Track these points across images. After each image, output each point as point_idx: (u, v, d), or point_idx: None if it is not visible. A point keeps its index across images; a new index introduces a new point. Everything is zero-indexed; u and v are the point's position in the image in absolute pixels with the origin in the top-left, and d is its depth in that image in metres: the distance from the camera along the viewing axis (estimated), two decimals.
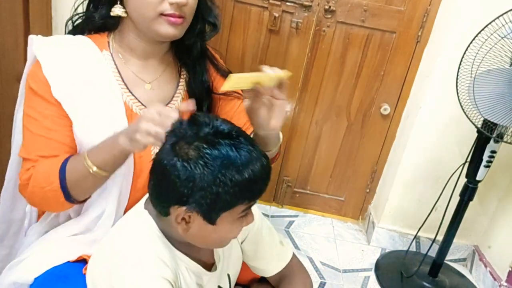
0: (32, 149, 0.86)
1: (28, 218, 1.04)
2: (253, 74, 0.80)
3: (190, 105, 0.76)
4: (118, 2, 0.91)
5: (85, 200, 0.90)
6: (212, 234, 0.76)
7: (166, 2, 0.86)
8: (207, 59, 1.07)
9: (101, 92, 0.89)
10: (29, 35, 1.27)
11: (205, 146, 0.70)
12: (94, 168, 0.81)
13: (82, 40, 0.93)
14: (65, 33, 0.98)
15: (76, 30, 0.97)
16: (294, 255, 1.02)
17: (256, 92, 0.84)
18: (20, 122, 0.96)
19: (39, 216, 1.04)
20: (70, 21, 0.98)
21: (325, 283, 1.69)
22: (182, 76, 1.03)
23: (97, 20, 0.94)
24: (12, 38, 1.24)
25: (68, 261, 0.92)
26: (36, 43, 0.89)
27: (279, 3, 1.69)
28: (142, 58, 0.96)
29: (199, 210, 0.72)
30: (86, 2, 0.97)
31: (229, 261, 0.94)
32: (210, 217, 0.73)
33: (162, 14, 0.87)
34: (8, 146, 1.01)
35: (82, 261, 0.92)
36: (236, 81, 0.79)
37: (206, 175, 0.69)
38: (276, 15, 1.71)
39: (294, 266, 1.01)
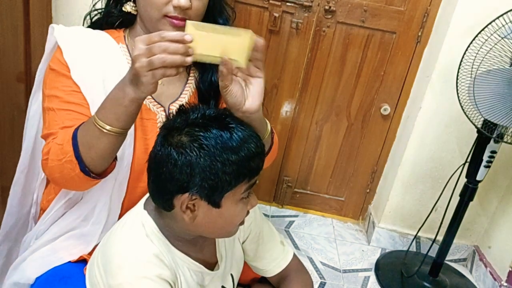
0: (54, 124, 0.85)
1: (34, 208, 1.05)
2: (215, 27, 0.74)
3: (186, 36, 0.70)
4: (131, 0, 0.95)
5: (103, 174, 0.85)
6: (218, 219, 0.76)
7: (170, 5, 0.87)
8: None
9: (116, 80, 0.90)
10: (29, 35, 1.28)
11: (196, 129, 0.71)
12: (107, 127, 0.75)
13: (100, 33, 0.96)
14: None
15: (95, 25, 1.00)
16: (294, 255, 1.03)
17: (228, 68, 0.77)
18: (34, 114, 0.98)
19: (41, 210, 1.04)
20: (88, 16, 1.02)
21: (325, 283, 1.69)
22: (191, 75, 1.04)
23: (115, 16, 0.98)
24: (12, 38, 1.24)
25: (69, 261, 0.92)
26: (57, 31, 0.92)
27: (279, 3, 1.69)
28: None
29: (201, 194, 0.72)
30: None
31: (232, 261, 0.94)
32: (214, 200, 0.73)
33: (166, 16, 0.89)
34: (8, 145, 1.01)
35: (83, 261, 0.93)
36: (200, 37, 0.72)
37: (202, 157, 0.69)
38: (276, 15, 1.71)
39: (295, 266, 1.01)
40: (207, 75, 1.02)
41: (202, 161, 0.69)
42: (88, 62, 0.90)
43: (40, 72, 0.96)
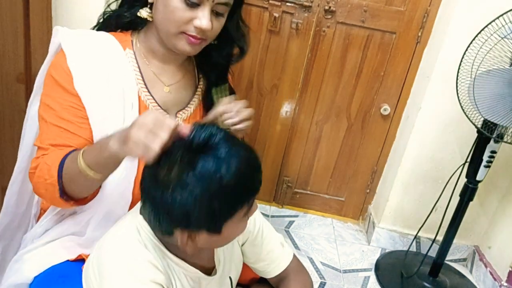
0: (45, 138, 0.85)
1: (35, 209, 1.05)
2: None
3: (187, 130, 0.70)
4: (148, 6, 0.92)
5: (82, 202, 0.87)
6: (219, 241, 0.76)
7: (191, 25, 0.86)
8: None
9: (119, 89, 0.90)
10: (29, 35, 1.28)
11: (183, 167, 0.67)
12: (86, 169, 0.76)
13: (106, 36, 0.94)
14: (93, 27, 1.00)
15: (104, 24, 0.98)
16: (294, 256, 1.02)
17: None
18: (33, 115, 0.96)
19: (42, 210, 1.04)
20: (101, 17, 0.99)
21: (325, 283, 1.69)
22: (199, 85, 1.04)
23: (127, 18, 0.95)
24: (12, 38, 1.24)
25: (68, 260, 0.92)
26: (62, 34, 0.89)
27: (279, 3, 1.69)
28: (162, 62, 0.97)
29: (201, 227, 0.71)
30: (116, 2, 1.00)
31: (231, 264, 0.93)
32: (215, 229, 0.72)
33: (184, 32, 0.88)
34: (9, 145, 1.01)
35: (82, 260, 0.92)
36: None
37: (195, 196, 0.66)
38: (276, 15, 1.71)
39: (295, 267, 1.01)
40: (223, 93, 1.03)
41: (196, 200, 0.66)
42: (92, 70, 0.87)
43: (42, 74, 0.95)
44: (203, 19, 0.85)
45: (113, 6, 1.01)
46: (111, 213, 0.92)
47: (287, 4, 1.70)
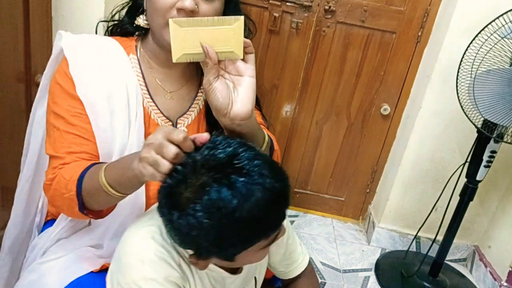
0: (60, 147, 0.84)
1: (38, 217, 1.03)
2: (203, 20, 0.66)
3: (203, 137, 0.65)
4: (144, 14, 0.92)
5: (101, 214, 0.86)
6: (234, 264, 0.73)
7: (175, 9, 0.84)
8: None
9: (123, 97, 0.88)
10: (29, 35, 1.28)
11: (195, 190, 0.62)
12: (109, 188, 0.75)
13: (110, 42, 0.93)
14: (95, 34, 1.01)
15: (108, 32, 0.99)
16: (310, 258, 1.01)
17: (213, 65, 0.71)
18: (40, 120, 0.95)
19: (49, 212, 1.03)
20: (101, 23, 0.99)
21: (325, 283, 1.69)
22: (201, 90, 1.02)
23: (129, 27, 0.96)
24: (12, 38, 1.24)
25: (92, 272, 0.89)
26: (65, 39, 0.88)
27: (279, 3, 1.69)
28: (166, 67, 0.96)
29: (211, 254, 0.68)
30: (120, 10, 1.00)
31: (258, 264, 0.90)
32: (226, 258, 0.69)
33: None
34: (8, 145, 1.00)
35: (106, 270, 0.88)
36: (187, 34, 0.65)
37: (203, 225, 0.61)
38: (276, 15, 1.71)
39: (309, 270, 0.99)
40: None
41: (202, 229, 0.61)
42: (94, 77, 0.87)
43: (45, 77, 0.93)
44: None
45: (116, 16, 1.01)
46: (126, 221, 0.90)
47: (287, 3, 1.70)
